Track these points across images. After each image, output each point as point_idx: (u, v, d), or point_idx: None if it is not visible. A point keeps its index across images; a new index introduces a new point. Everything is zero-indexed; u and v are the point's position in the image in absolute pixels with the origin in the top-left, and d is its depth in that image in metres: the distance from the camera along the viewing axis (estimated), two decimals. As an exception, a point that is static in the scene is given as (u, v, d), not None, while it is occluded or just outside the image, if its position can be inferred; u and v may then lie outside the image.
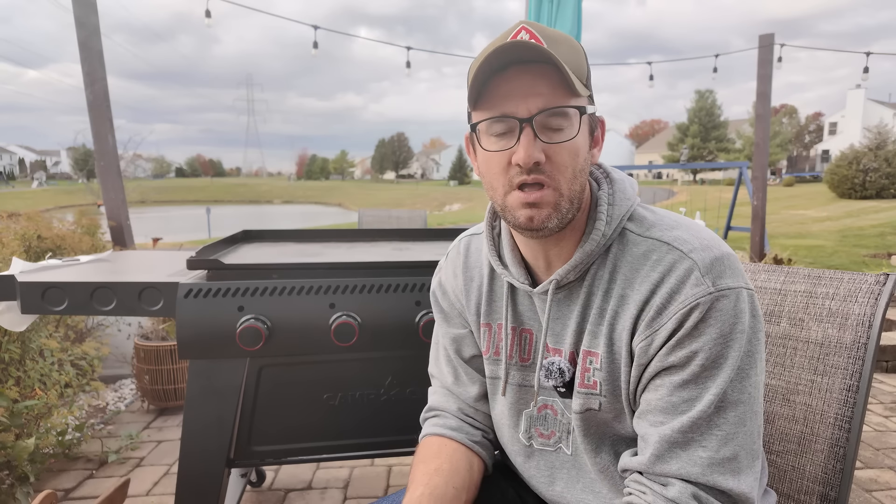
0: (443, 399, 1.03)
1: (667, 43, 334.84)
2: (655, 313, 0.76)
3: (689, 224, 0.82)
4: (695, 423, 0.74)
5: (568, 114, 0.76)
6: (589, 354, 0.83)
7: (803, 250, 8.58)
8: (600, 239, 0.81)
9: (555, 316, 0.87)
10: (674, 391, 0.76)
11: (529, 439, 0.94)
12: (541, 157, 0.75)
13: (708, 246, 0.77)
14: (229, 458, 1.46)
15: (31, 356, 2.40)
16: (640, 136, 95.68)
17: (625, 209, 0.83)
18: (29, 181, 64.29)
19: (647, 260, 0.79)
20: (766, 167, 5.38)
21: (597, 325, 0.82)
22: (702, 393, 0.74)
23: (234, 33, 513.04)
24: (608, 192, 0.84)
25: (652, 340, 0.77)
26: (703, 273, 0.74)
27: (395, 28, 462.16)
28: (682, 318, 0.74)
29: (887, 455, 2.55)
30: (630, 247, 0.81)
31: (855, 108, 46.36)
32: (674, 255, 0.77)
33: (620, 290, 0.80)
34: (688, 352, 0.74)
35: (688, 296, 0.74)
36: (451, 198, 42.28)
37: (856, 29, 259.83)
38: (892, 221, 12.78)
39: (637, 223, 0.83)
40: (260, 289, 1.38)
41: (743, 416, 0.74)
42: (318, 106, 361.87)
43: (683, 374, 0.75)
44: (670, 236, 0.79)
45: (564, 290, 0.85)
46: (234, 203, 51.86)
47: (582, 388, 0.84)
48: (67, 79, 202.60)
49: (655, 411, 0.77)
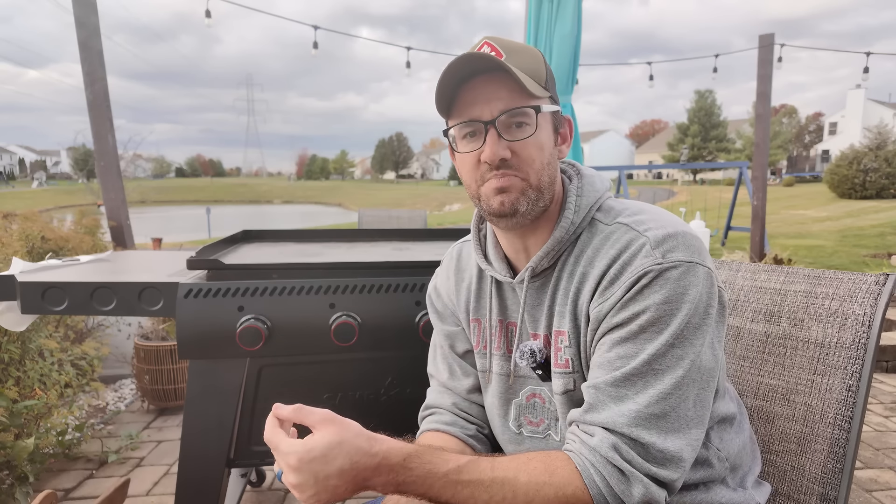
0: (438, 397, 1.07)
1: (668, 43, 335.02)
2: (609, 282, 0.82)
3: (653, 210, 0.88)
4: (627, 379, 0.77)
5: (527, 113, 0.84)
6: (559, 334, 0.89)
7: (803, 250, 8.58)
8: (569, 226, 0.88)
9: (533, 303, 0.93)
10: (612, 347, 0.80)
11: (519, 427, 0.98)
12: (506, 154, 0.83)
13: (663, 225, 0.82)
14: (229, 458, 1.46)
15: (30, 356, 2.40)
16: (640, 136, 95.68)
17: (592, 200, 0.90)
18: (29, 181, 64.29)
19: (608, 240, 0.85)
20: (766, 167, 5.38)
21: (562, 306, 0.88)
22: (638, 352, 0.78)
23: (236, 33, 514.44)
24: (577, 185, 0.92)
25: (603, 306, 0.82)
26: (654, 247, 0.80)
27: (397, 28, 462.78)
28: (630, 285, 0.79)
29: (887, 455, 2.55)
30: (597, 234, 0.87)
31: (855, 108, 46.38)
32: (631, 234, 0.83)
33: (583, 269, 0.86)
34: (630, 313, 0.79)
35: (637, 266, 0.79)
36: (451, 198, 42.28)
37: (858, 29, 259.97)
38: (892, 221, 12.78)
39: (605, 213, 0.89)
40: (260, 289, 1.38)
41: (680, 382, 0.76)
42: (319, 106, 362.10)
43: (623, 331, 0.79)
44: (632, 220, 0.85)
45: (540, 279, 0.92)
46: (234, 203, 51.86)
47: (557, 369, 0.89)
48: (68, 79, 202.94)
49: (595, 367, 0.82)
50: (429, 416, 1.07)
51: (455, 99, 0.86)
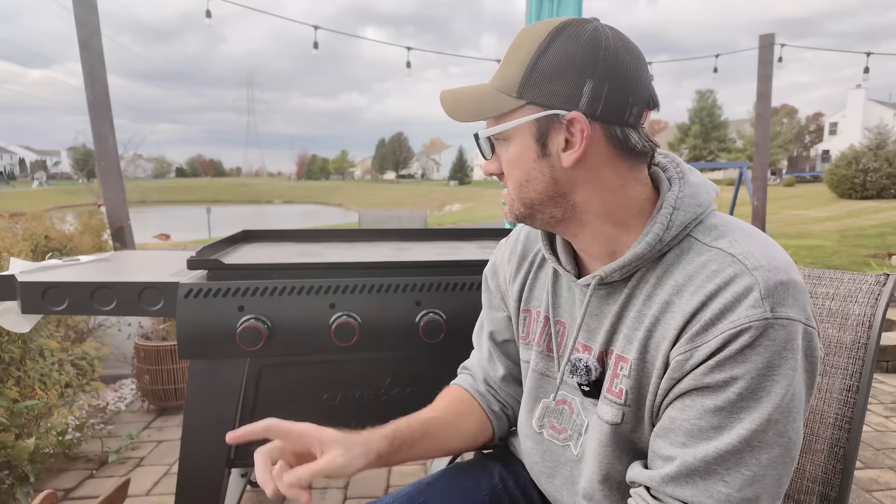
0: (477, 367, 1.12)
1: (675, 42, 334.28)
2: (702, 328, 0.70)
3: (763, 239, 0.76)
4: (721, 456, 0.69)
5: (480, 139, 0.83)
6: (620, 360, 0.80)
7: (804, 250, 8.58)
8: (656, 244, 0.76)
9: (592, 312, 0.85)
10: (703, 415, 0.70)
11: (541, 427, 0.95)
12: (491, 169, 0.84)
13: (776, 267, 0.70)
14: (229, 458, 1.46)
15: (31, 356, 2.41)
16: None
17: (691, 216, 0.77)
18: (29, 181, 64.32)
19: (704, 269, 0.73)
20: (767, 167, 5.38)
21: (633, 330, 0.78)
22: (734, 423, 0.68)
23: (242, 33, 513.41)
24: (677, 195, 0.79)
25: (691, 355, 0.71)
26: (764, 295, 0.68)
27: (404, 27, 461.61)
28: (728, 339, 0.68)
29: (887, 455, 2.54)
30: (691, 255, 0.76)
31: (855, 108, 46.37)
32: (735, 269, 0.70)
33: (667, 297, 0.75)
34: (727, 376, 0.68)
35: (741, 316, 0.68)
36: (452, 198, 42.28)
37: (865, 28, 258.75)
38: (892, 221, 12.78)
39: (704, 231, 0.77)
40: (260, 289, 1.38)
41: (775, 461, 0.69)
42: (322, 106, 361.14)
43: (717, 399, 0.69)
44: (738, 248, 0.72)
45: (607, 288, 0.83)
46: (235, 203, 51.89)
47: (609, 396, 0.81)
48: (70, 79, 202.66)
49: (679, 431, 0.72)
50: (466, 374, 1.12)
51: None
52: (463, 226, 3.25)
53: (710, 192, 0.82)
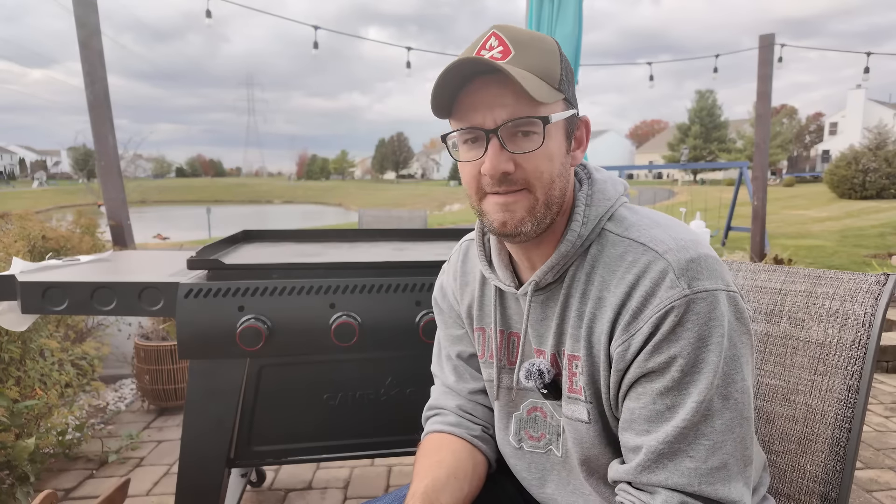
0: (442, 397, 1.05)
1: (677, 42, 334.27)
2: (631, 317, 0.75)
3: (668, 223, 0.81)
4: (680, 433, 0.72)
5: (535, 123, 0.75)
6: (573, 358, 0.83)
7: (804, 250, 8.58)
8: (575, 240, 0.81)
9: (538, 317, 0.87)
10: (656, 399, 0.74)
11: (519, 441, 0.95)
12: (508, 167, 0.75)
13: (684, 246, 0.75)
14: (229, 458, 1.46)
15: (31, 356, 2.40)
16: (639, 136, 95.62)
17: (603, 210, 0.82)
18: (29, 181, 64.33)
19: (622, 261, 0.78)
20: (767, 167, 5.37)
21: (576, 328, 0.82)
22: (685, 399, 0.72)
23: (242, 33, 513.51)
24: (587, 192, 0.84)
25: (629, 345, 0.75)
26: (678, 275, 0.73)
27: (407, 27, 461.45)
28: (657, 322, 0.73)
29: (887, 455, 2.54)
30: (608, 247, 0.80)
31: (855, 108, 46.39)
32: (648, 256, 0.76)
33: (598, 293, 0.79)
34: (666, 357, 0.73)
35: (663, 298, 0.73)
36: (452, 198, 42.24)
37: (868, 28, 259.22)
38: (892, 222, 12.77)
39: (616, 223, 0.82)
40: (260, 289, 1.38)
41: (731, 424, 0.73)
42: (323, 106, 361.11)
43: (664, 380, 0.73)
44: (647, 236, 0.78)
45: (546, 292, 0.86)
46: (235, 203, 51.89)
47: (571, 395, 0.84)
48: (70, 79, 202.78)
49: (640, 420, 0.76)
50: (433, 416, 1.04)
51: (455, 101, 0.78)
52: (463, 226, 3.25)
53: (618, 186, 0.87)
